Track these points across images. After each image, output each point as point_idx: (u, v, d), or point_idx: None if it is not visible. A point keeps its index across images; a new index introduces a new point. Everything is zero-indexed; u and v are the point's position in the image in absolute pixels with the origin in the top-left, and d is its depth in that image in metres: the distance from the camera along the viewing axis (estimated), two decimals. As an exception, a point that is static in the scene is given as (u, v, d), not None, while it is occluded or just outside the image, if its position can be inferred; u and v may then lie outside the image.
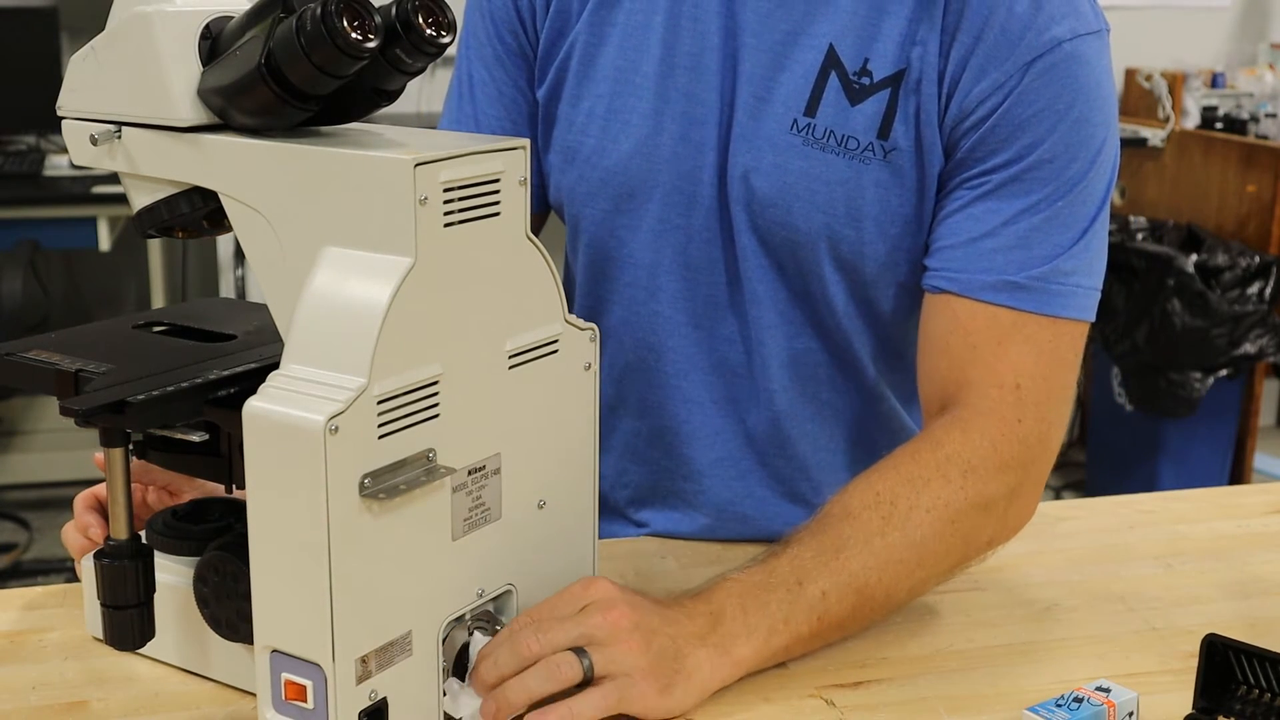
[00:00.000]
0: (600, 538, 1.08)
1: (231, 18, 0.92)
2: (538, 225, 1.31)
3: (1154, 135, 4.00)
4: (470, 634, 0.95)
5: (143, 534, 1.02)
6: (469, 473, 0.92)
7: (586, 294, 1.29)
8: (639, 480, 1.32)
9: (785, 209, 1.17)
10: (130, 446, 0.95)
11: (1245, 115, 3.96)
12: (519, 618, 0.96)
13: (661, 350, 1.26)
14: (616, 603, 0.95)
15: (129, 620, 0.95)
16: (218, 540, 0.97)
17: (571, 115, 1.23)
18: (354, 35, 0.85)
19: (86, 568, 1.04)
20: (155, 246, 3.55)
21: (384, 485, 0.84)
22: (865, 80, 1.14)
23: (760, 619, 1.00)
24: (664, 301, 1.24)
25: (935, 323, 1.15)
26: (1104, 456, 4.00)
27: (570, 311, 0.99)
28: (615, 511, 1.35)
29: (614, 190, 1.22)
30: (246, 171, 0.90)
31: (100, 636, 1.01)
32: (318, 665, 0.84)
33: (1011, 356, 1.10)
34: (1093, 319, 1.14)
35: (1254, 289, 3.58)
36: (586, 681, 0.93)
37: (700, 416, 1.27)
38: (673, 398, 1.27)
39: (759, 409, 1.26)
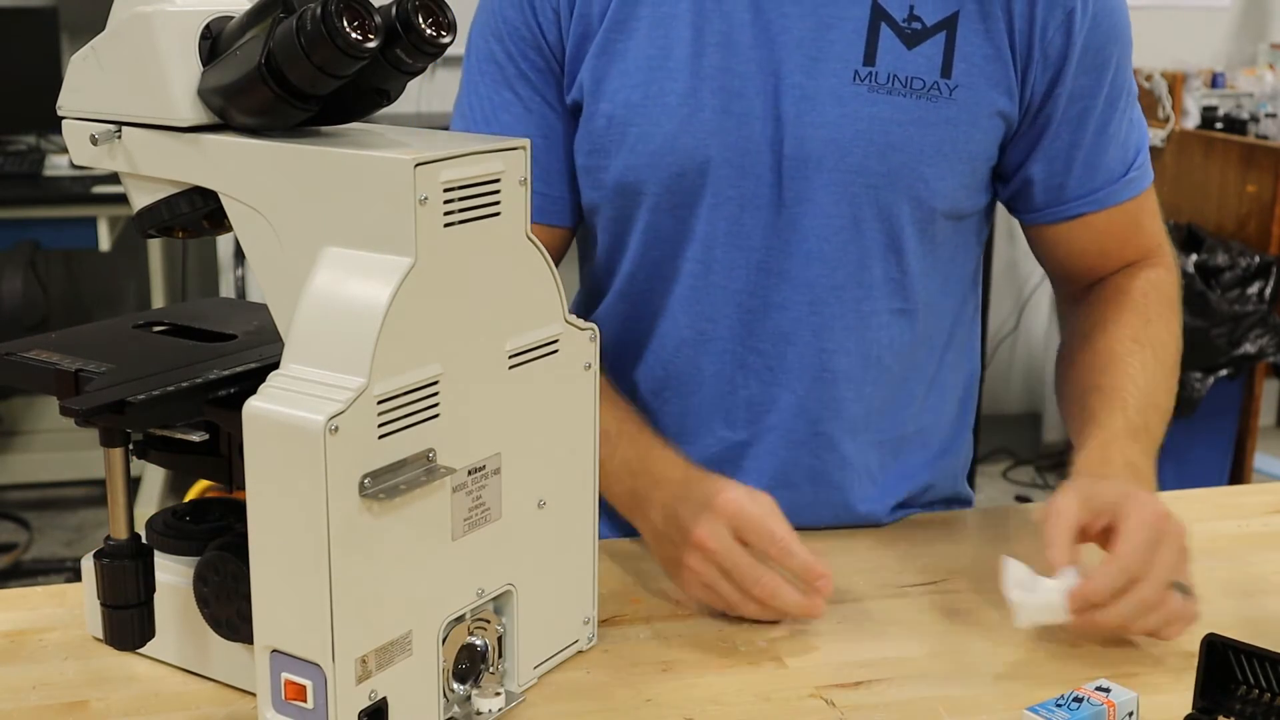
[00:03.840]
0: (603, 536, 1.08)
1: (231, 18, 0.92)
2: (564, 246, 1.32)
3: (1154, 135, 4.00)
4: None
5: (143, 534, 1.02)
6: (469, 473, 0.92)
7: (647, 277, 1.29)
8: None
9: (861, 155, 1.21)
10: (130, 446, 0.96)
11: (1245, 115, 3.95)
12: (1134, 565, 1.04)
13: (717, 319, 1.27)
14: (1180, 532, 1.08)
15: (129, 620, 0.95)
16: (218, 540, 0.97)
17: (610, 110, 1.24)
18: (354, 35, 0.85)
19: (86, 568, 1.04)
20: (155, 246, 3.55)
21: (384, 485, 0.84)
22: (916, 25, 1.21)
23: (1146, 464, 1.22)
24: (719, 273, 1.26)
25: (1077, 241, 1.34)
26: (1104, 457, 3.99)
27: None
28: None
29: (662, 173, 1.23)
30: (246, 171, 0.90)
31: (100, 636, 1.01)
32: (318, 665, 0.85)
33: (1147, 228, 1.37)
34: None
35: (1254, 289, 3.57)
36: None
37: (756, 384, 1.28)
38: (728, 365, 1.28)
39: (814, 374, 1.27)
